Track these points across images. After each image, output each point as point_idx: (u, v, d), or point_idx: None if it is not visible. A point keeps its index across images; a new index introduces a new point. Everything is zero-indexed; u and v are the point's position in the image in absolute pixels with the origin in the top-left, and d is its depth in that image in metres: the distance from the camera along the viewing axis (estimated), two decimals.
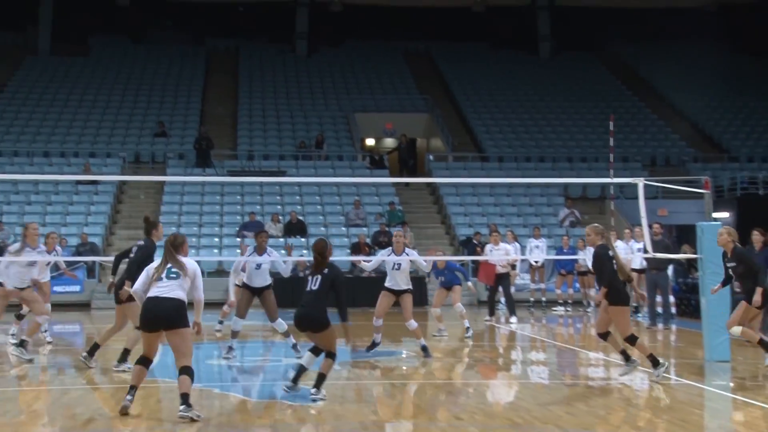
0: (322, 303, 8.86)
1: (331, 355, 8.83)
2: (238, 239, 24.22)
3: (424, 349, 12.00)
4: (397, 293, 12.38)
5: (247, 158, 29.04)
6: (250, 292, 11.96)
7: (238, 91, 34.23)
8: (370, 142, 34.80)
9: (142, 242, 10.71)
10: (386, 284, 12.52)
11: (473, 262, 21.76)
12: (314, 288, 8.90)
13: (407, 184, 28.45)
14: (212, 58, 37.43)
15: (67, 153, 28.63)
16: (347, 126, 32.16)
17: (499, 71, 37.35)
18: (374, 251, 23.43)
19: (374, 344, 12.52)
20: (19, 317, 13.63)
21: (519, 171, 28.75)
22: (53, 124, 30.51)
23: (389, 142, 34.21)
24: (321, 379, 8.77)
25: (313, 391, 8.73)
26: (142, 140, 30.16)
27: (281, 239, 23.53)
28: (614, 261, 9.84)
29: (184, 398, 7.86)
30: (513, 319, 17.49)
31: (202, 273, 11.95)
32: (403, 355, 12.60)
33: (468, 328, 14.60)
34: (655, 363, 9.80)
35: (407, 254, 12.30)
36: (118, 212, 26.58)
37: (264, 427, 7.70)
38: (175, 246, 8.24)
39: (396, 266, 12.26)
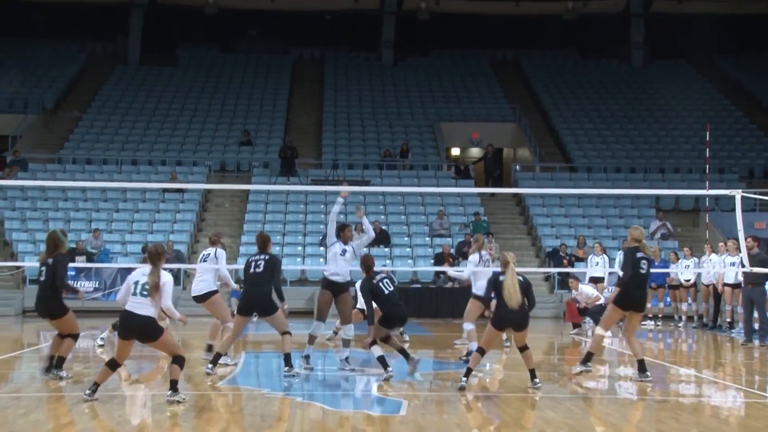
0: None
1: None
2: (321, 248, 24.45)
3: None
4: (486, 302, 12.38)
5: (332, 167, 29.31)
6: (331, 291, 11.84)
7: (323, 100, 34.59)
8: (455, 151, 34.76)
9: (263, 256, 11.02)
10: (475, 291, 12.53)
11: (559, 274, 21.50)
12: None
13: (493, 194, 28.32)
14: (298, 66, 37.94)
15: (155, 161, 29.37)
16: (433, 135, 32.19)
17: (590, 80, 36.91)
18: (458, 262, 23.37)
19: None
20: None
21: (608, 182, 28.31)
22: (141, 133, 31.34)
23: (475, 152, 34.12)
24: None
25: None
26: (228, 149, 30.74)
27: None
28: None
29: (173, 384, 8.90)
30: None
31: (285, 282, 12.14)
32: (486, 367, 12.52)
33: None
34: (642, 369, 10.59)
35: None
36: (203, 220, 27.13)
37: None
38: (155, 256, 8.95)
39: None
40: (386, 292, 11.04)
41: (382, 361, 10.87)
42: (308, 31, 39.34)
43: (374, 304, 11.12)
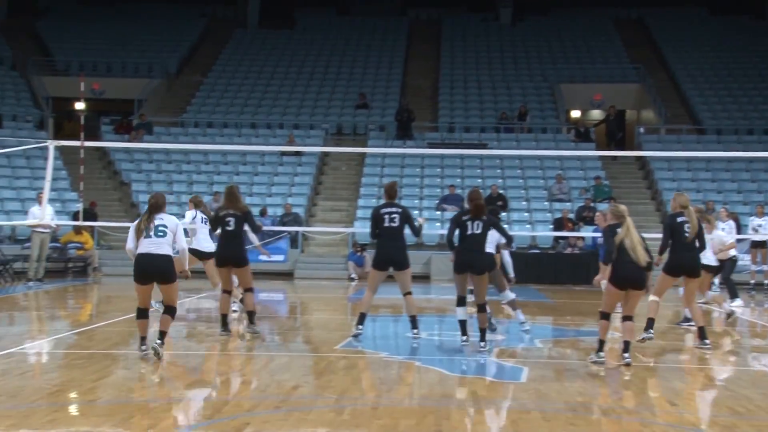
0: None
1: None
2: (438, 212, 24.40)
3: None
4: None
5: (448, 130, 29.13)
6: None
7: (439, 62, 34.33)
8: (575, 113, 34.02)
9: (396, 209, 10.88)
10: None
11: None
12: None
13: (615, 157, 27.60)
14: (414, 28, 37.73)
15: (273, 125, 29.80)
16: (552, 97, 31.56)
17: (719, 38, 35.39)
18: (578, 227, 22.94)
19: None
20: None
21: (740, 144, 27.20)
22: (260, 96, 31.82)
23: (596, 114, 33.30)
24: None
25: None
26: (344, 112, 30.91)
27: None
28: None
29: (162, 335, 9.20)
30: (736, 303, 16.33)
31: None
32: (611, 336, 12.21)
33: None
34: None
35: None
36: (321, 183, 27.42)
37: (465, 401, 7.69)
38: (159, 206, 9.23)
39: None
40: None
41: (462, 326, 10.62)
42: None
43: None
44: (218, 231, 11.58)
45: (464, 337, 10.55)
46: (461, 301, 10.46)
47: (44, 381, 8.14)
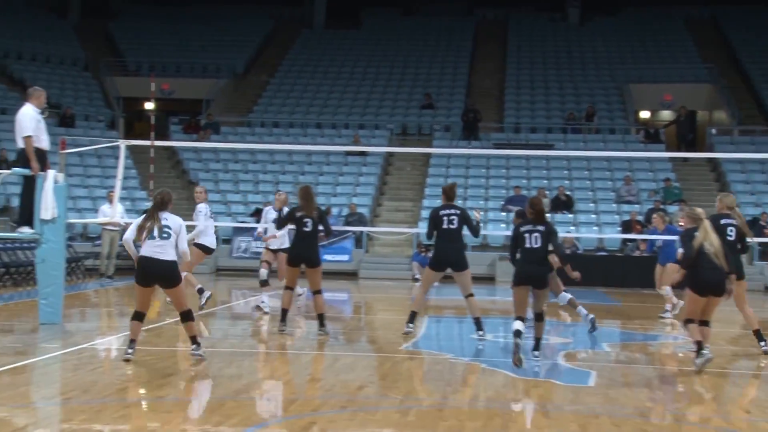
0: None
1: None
2: (503, 213, 24.25)
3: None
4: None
5: (514, 131, 28.94)
6: None
7: (505, 62, 34.13)
8: (644, 114, 33.49)
9: (455, 211, 10.99)
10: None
11: (760, 245, 20.37)
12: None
13: (686, 159, 27.10)
14: (480, 28, 37.56)
15: (338, 124, 29.95)
16: (620, 97, 31.13)
17: None
18: (646, 229, 22.57)
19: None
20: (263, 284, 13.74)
21: None
22: (325, 96, 32.00)
23: (666, 115, 32.74)
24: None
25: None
26: (409, 112, 30.92)
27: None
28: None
29: (194, 341, 8.92)
30: None
31: (466, 247, 12.07)
32: (679, 340, 12.02)
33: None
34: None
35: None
36: (385, 183, 27.47)
37: (532, 404, 7.62)
38: (164, 203, 8.90)
39: None
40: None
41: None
42: None
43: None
44: (284, 230, 11.64)
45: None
46: (519, 320, 9.30)
47: (115, 377, 8.28)
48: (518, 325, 9.18)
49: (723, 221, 10.37)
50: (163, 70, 32.75)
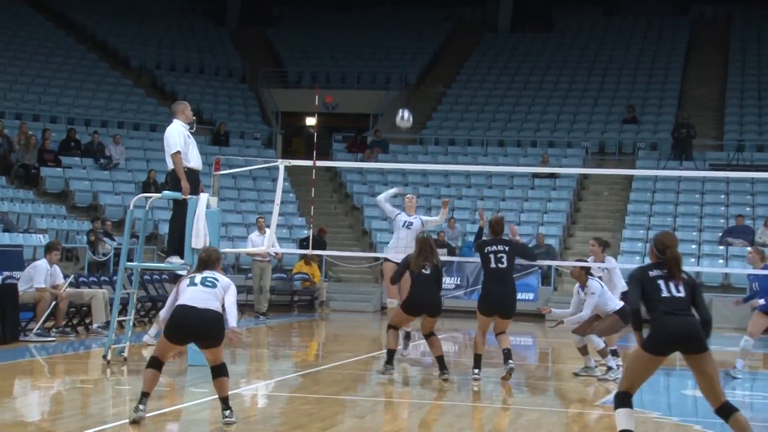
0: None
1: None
2: (721, 247, 23.49)
3: None
4: None
5: (736, 149, 28.01)
6: None
7: (727, 68, 33.14)
8: None
9: (503, 247, 11.30)
10: None
11: None
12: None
13: None
14: (697, 29, 36.61)
15: (524, 142, 29.86)
16: None
17: None
18: None
19: None
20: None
21: None
22: (510, 110, 32.00)
23: None
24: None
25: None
26: (609, 127, 30.48)
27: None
28: None
29: (225, 402, 8.27)
30: None
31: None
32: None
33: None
34: None
35: None
36: (578, 210, 27.15)
37: None
38: (211, 262, 8.52)
39: None
40: None
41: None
42: None
43: None
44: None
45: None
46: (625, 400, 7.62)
47: (269, 427, 8.51)
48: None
49: None
50: (327, 82, 33.60)
